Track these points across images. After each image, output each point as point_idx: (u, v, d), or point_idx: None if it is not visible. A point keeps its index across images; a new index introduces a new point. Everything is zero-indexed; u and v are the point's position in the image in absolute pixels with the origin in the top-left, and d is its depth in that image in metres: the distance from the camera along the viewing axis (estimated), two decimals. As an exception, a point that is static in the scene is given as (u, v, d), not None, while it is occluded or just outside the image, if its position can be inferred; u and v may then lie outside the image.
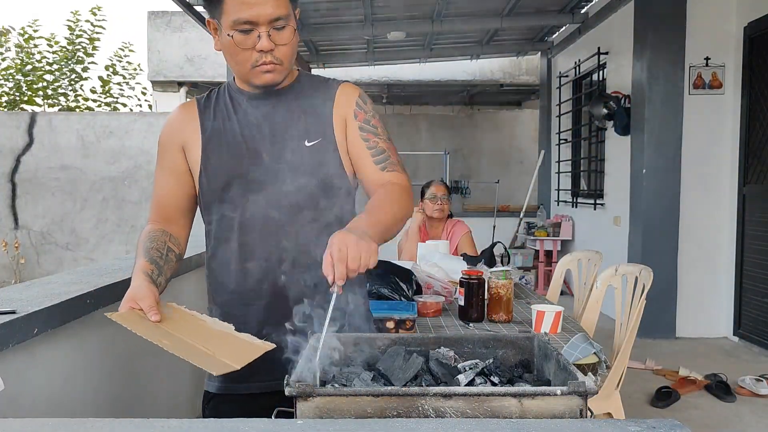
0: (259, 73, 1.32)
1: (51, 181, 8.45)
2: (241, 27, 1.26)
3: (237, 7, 1.25)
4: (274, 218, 1.38)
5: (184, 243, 1.58)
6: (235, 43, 1.28)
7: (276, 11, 1.26)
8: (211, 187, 1.42)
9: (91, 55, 11.33)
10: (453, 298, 2.66)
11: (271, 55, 1.30)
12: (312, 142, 1.37)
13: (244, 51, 1.29)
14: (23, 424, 0.87)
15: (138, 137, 8.60)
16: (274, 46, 1.29)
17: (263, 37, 1.27)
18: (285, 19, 1.28)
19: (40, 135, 8.49)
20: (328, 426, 0.84)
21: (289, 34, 1.30)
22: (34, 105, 10.93)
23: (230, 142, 1.40)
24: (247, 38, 1.28)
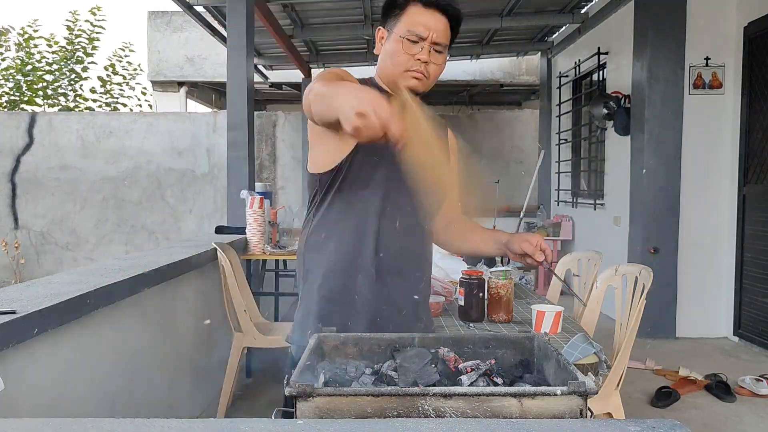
0: (409, 77, 1.53)
1: (51, 181, 8.46)
2: (412, 37, 1.51)
3: (415, 23, 1.51)
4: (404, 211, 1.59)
5: None
6: (402, 47, 1.52)
7: (440, 38, 1.53)
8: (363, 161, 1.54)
9: (90, 55, 11.34)
10: (453, 298, 2.65)
11: (425, 66, 1.53)
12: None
13: (406, 55, 1.52)
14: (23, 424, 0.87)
15: (138, 137, 8.60)
16: (429, 61, 1.53)
17: (425, 50, 1.52)
18: (443, 48, 1.55)
19: (40, 135, 8.49)
20: (328, 426, 0.84)
21: (443, 59, 1.56)
22: (34, 105, 10.93)
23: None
24: (412, 47, 1.52)
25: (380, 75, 1.61)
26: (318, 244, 1.57)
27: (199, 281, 3.32)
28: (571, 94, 7.27)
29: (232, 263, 3.35)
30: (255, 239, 3.90)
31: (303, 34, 6.70)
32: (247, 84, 4.38)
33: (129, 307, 2.31)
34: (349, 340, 1.27)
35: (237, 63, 4.37)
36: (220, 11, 5.70)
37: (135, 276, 2.28)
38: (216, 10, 5.72)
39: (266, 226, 4.02)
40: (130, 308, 2.33)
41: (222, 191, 8.14)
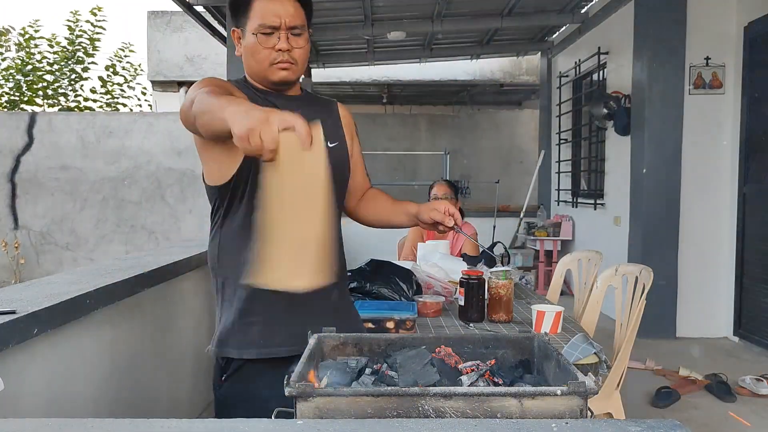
0: (277, 70, 1.52)
1: (51, 181, 8.45)
2: (265, 30, 1.49)
3: (263, 14, 1.49)
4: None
5: None
6: (258, 42, 1.50)
7: (294, 20, 1.51)
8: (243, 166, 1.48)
9: (91, 55, 11.33)
10: (453, 298, 2.65)
11: (288, 54, 1.51)
12: (333, 144, 1.57)
13: (265, 50, 1.50)
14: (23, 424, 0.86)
15: (138, 137, 8.59)
16: (290, 47, 1.51)
17: (282, 39, 1.49)
18: (301, 29, 1.52)
19: (40, 135, 8.49)
20: (328, 426, 0.84)
21: (304, 41, 1.54)
22: (34, 105, 10.93)
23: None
24: (269, 39, 1.50)
25: (249, 74, 1.59)
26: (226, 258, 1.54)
27: (199, 281, 3.32)
28: (571, 94, 7.27)
29: (232, 263, 3.34)
30: (255, 239, 3.89)
31: (303, 34, 6.69)
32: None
33: (129, 307, 2.31)
34: (349, 340, 1.27)
35: (237, 63, 4.37)
36: (220, 11, 5.70)
37: (135, 276, 2.28)
38: (216, 10, 5.71)
39: (266, 226, 4.01)
40: (130, 308, 2.33)
41: (222, 191, 8.12)
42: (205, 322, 3.44)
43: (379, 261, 2.57)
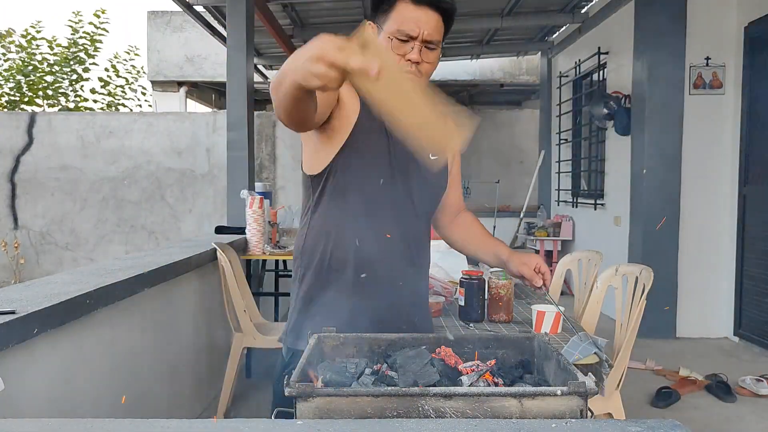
0: None
1: (51, 181, 8.45)
2: (402, 36, 1.43)
3: (405, 20, 1.43)
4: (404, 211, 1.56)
5: None
6: (392, 47, 1.44)
7: (432, 34, 1.45)
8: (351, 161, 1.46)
9: (92, 56, 11.34)
10: (453, 298, 2.65)
11: (416, 66, 1.45)
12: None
13: (396, 55, 1.44)
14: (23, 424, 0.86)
15: (138, 137, 8.59)
16: (421, 60, 1.45)
17: (416, 50, 1.44)
18: (436, 44, 1.48)
19: (40, 135, 8.49)
20: (328, 426, 0.84)
21: (436, 57, 1.49)
22: (34, 105, 10.93)
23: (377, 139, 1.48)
24: (403, 46, 1.44)
25: None
26: (310, 248, 1.53)
27: (199, 281, 3.32)
28: (571, 94, 7.27)
29: (232, 263, 3.35)
30: (255, 239, 3.90)
31: (303, 34, 6.70)
32: (247, 84, 4.38)
33: (129, 308, 2.31)
34: (350, 340, 1.27)
35: (237, 63, 4.37)
36: (220, 11, 5.70)
37: (135, 276, 2.28)
38: (216, 10, 5.71)
39: (266, 226, 4.02)
40: (130, 308, 2.33)
41: (222, 191, 8.14)
42: (205, 322, 3.44)
43: (379, 261, 2.56)
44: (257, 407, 3.50)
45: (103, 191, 8.52)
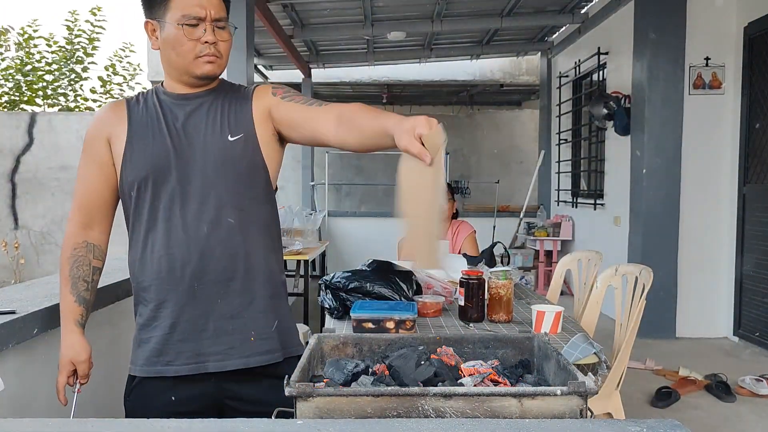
0: (202, 63, 1.45)
1: (51, 181, 8.45)
2: (189, 22, 1.42)
3: (186, 5, 1.42)
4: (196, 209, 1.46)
5: (105, 250, 1.63)
6: (184, 34, 1.42)
7: (218, 12, 1.45)
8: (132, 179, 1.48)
9: (90, 55, 11.33)
10: (453, 298, 2.65)
11: (214, 47, 1.45)
12: (235, 137, 1.47)
13: (190, 41, 1.43)
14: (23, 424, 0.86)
15: (138, 137, 8.60)
16: (216, 40, 1.45)
17: (209, 31, 1.43)
18: (225, 21, 1.47)
19: (40, 135, 8.48)
20: (328, 426, 0.84)
21: (228, 34, 1.48)
22: (34, 105, 10.93)
23: (155, 134, 1.48)
24: (194, 31, 1.43)
25: (168, 70, 1.51)
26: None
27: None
28: (571, 94, 7.27)
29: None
30: (255, 239, 3.89)
31: (303, 34, 6.70)
32: (247, 84, 4.38)
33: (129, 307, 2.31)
34: (349, 340, 1.27)
35: (237, 63, 4.37)
36: (220, 11, 5.70)
37: (135, 276, 2.28)
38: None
39: (266, 226, 4.01)
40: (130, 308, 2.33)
41: (222, 191, 8.12)
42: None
43: (379, 261, 2.56)
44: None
45: (103, 191, 8.52)
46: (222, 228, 1.45)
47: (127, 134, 1.48)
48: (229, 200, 1.45)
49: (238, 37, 4.41)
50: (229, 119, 1.49)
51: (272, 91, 1.53)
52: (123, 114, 1.51)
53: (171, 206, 1.45)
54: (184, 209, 1.45)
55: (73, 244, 1.54)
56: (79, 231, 1.54)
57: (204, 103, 1.51)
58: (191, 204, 1.45)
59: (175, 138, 1.47)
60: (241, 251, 1.46)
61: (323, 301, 2.31)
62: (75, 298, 1.52)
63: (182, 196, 1.45)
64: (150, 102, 1.52)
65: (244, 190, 1.47)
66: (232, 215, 1.45)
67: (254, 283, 1.48)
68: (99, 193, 1.52)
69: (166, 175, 1.45)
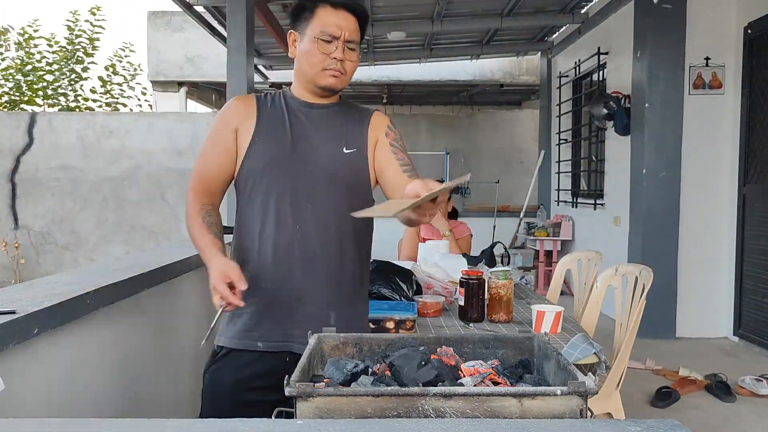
0: (327, 75, 1.63)
1: (51, 181, 8.45)
2: (324, 37, 1.61)
3: (326, 23, 1.61)
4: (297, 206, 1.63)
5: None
6: (317, 47, 1.61)
7: (352, 35, 1.63)
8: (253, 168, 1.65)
9: (91, 55, 11.33)
10: (453, 298, 2.66)
11: (341, 64, 1.62)
12: (349, 150, 1.66)
13: (321, 55, 1.61)
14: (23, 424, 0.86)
15: (138, 137, 8.59)
16: (344, 58, 1.62)
17: (339, 48, 1.61)
18: (355, 45, 1.65)
19: (40, 135, 8.48)
20: (328, 426, 0.84)
21: (356, 56, 1.66)
22: (34, 105, 10.93)
23: (279, 133, 1.67)
24: (327, 46, 1.61)
25: (298, 77, 1.70)
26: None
27: (199, 281, 3.32)
28: (571, 94, 7.27)
29: (232, 263, 3.34)
30: (255, 239, 3.90)
31: (303, 34, 6.70)
32: (247, 84, 4.38)
33: (129, 307, 2.31)
34: (349, 339, 1.27)
35: (237, 63, 4.37)
36: (220, 11, 5.70)
37: (135, 276, 2.28)
38: (216, 10, 5.71)
39: (266, 226, 4.01)
40: (130, 308, 2.33)
41: (222, 191, 8.12)
42: (206, 322, 3.44)
43: (379, 261, 2.56)
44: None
45: (104, 191, 8.52)
46: (322, 228, 1.62)
47: (255, 128, 1.67)
48: (332, 205, 1.63)
49: (238, 37, 4.43)
50: (347, 133, 1.68)
51: (386, 129, 1.71)
52: (252, 109, 1.70)
53: (281, 200, 1.62)
54: (293, 206, 1.61)
55: (200, 203, 1.66)
56: (201, 197, 1.67)
57: (327, 113, 1.70)
58: (299, 202, 1.62)
59: (296, 139, 1.65)
60: (335, 252, 1.64)
61: (323, 301, 2.30)
62: (213, 235, 1.62)
63: (292, 193, 1.62)
64: (277, 102, 1.73)
65: (348, 200, 1.64)
66: (333, 219, 1.63)
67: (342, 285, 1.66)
68: (215, 174, 1.68)
69: (283, 172, 1.63)
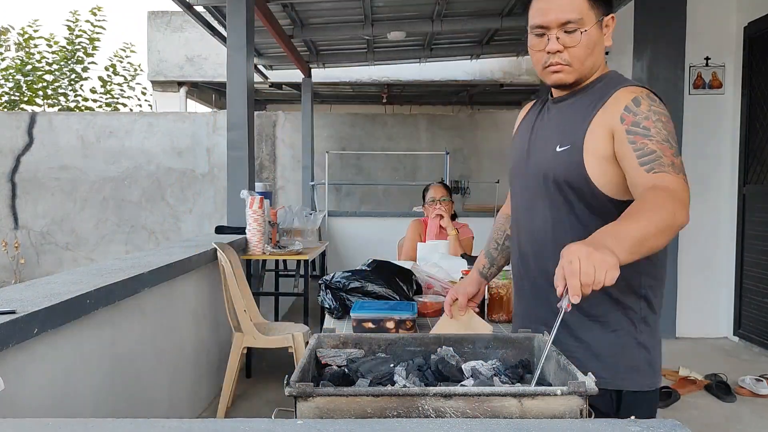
0: (549, 73, 1.42)
1: (51, 181, 8.45)
2: (536, 31, 1.39)
3: (534, 13, 1.40)
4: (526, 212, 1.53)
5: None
6: (530, 46, 1.42)
7: (564, 15, 1.35)
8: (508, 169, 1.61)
9: (91, 55, 11.34)
10: (453, 298, 2.65)
11: (559, 56, 1.38)
12: (562, 148, 1.40)
13: (538, 53, 1.41)
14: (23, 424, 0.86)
15: (138, 137, 8.60)
16: (562, 48, 1.37)
17: (552, 40, 1.37)
18: (575, 23, 1.36)
19: (40, 135, 8.49)
20: (328, 426, 0.84)
21: (578, 38, 1.36)
22: (34, 105, 10.93)
23: (523, 134, 1.57)
24: (540, 41, 1.40)
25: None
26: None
27: (199, 281, 3.32)
28: (571, 94, 7.26)
29: (232, 263, 3.35)
30: (255, 239, 3.90)
31: (303, 34, 6.70)
32: (247, 84, 4.38)
33: (129, 307, 2.31)
34: (350, 339, 1.27)
35: (237, 63, 4.37)
36: (220, 11, 5.70)
37: (135, 276, 2.28)
38: (216, 10, 5.71)
39: (266, 226, 4.02)
40: (130, 308, 2.33)
41: (222, 191, 8.14)
42: (205, 321, 3.44)
43: (379, 261, 2.56)
44: (257, 407, 3.51)
45: (104, 191, 8.53)
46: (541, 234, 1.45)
47: (516, 130, 1.62)
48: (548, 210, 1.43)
49: (238, 37, 4.42)
50: (565, 127, 1.42)
51: (621, 114, 1.33)
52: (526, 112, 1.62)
53: (520, 203, 1.54)
54: (525, 210, 1.51)
55: (503, 214, 1.75)
56: (507, 204, 1.71)
57: (560, 107, 1.48)
58: (526, 205, 1.50)
59: (532, 140, 1.51)
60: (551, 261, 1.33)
61: (323, 301, 2.31)
62: (485, 252, 1.76)
63: (523, 196, 1.52)
64: (539, 102, 1.58)
65: (562, 204, 1.40)
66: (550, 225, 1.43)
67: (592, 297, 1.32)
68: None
69: (517, 175, 1.55)
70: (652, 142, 1.29)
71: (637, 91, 1.38)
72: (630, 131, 1.31)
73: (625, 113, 1.33)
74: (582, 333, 1.39)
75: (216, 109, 11.20)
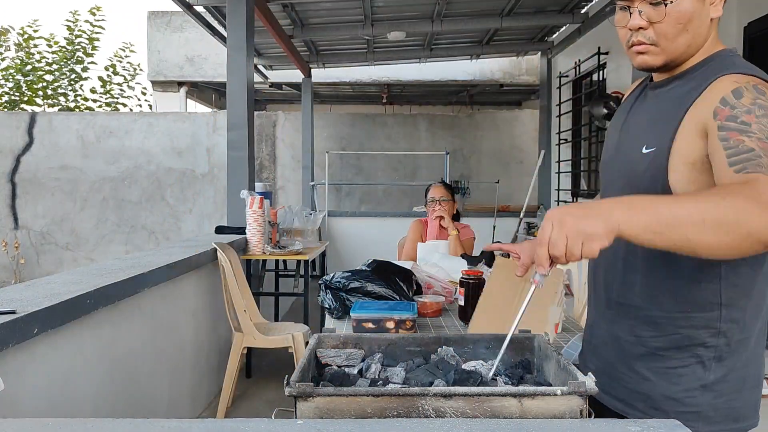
0: (634, 54, 1.20)
1: (51, 181, 8.46)
2: (620, 3, 1.19)
3: None
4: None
5: None
6: (615, 21, 1.21)
7: None
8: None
9: (90, 55, 11.35)
10: (453, 298, 2.65)
11: (642, 34, 1.16)
12: (649, 150, 1.18)
13: (622, 29, 1.20)
14: (23, 424, 0.86)
15: (138, 137, 8.60)
16: (646, 23, 1.15)
17: (634, 14, 1.16)
18: None
19: (40, 135, 8.49)
20: (328, 426, 0.84)
21: (664, 11, 1.14)
22: (34, 105, 10.94)
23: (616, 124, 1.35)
24: (623, 16, 1.19)
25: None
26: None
27: (199, 281, 3.32)
28: (571, 94, 7.27)
29: (232, 263, 3.35)
30: (255, 239, 3.91)
31: (303, 34, 6.70)
32: (247, 84, 4.39)
33: (129, 307, 2.31)
34: (349, 339, 1.27)
35: (237, 63, 4.37)
36: (220, 11, 5.70)
37: (135, 276, 2.28)
38: (216, 10, 5.72)
39: (266, 226, 4.02)
40: (130, 308, 2.33)
41: (222, 191, 8.15)
42: (206, 322, 3.44)
43: (379, 261, 2.56)
44: (257, 407, 3.51)
45: (104, 191, 8.53)
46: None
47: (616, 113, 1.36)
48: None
49: (238, 37, 4.43)
50: (657, 122, 1.19)
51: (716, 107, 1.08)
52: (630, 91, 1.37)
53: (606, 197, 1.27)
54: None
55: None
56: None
57: (659, 94, 1.24)
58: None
59: (623, 132, 1.29)
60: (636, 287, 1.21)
61: (323, 301, 2.31)
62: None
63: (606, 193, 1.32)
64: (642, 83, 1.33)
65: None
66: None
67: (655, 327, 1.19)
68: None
69: (605, 169, 1.35)
70: (751, 140, 1.03)
71: (743, 80, 1.09)
72: (723, 127, 1.06)
73: (720, 107, 1.08)
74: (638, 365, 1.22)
75: (216, 109, 11.21)
